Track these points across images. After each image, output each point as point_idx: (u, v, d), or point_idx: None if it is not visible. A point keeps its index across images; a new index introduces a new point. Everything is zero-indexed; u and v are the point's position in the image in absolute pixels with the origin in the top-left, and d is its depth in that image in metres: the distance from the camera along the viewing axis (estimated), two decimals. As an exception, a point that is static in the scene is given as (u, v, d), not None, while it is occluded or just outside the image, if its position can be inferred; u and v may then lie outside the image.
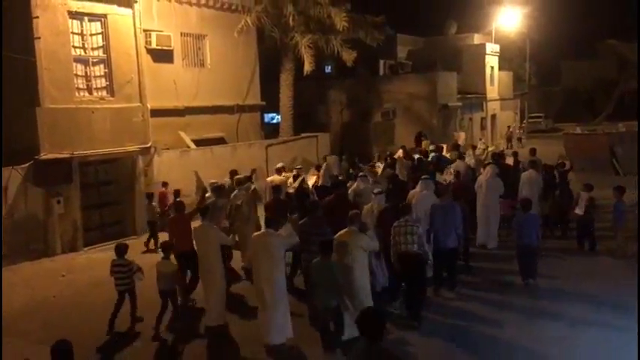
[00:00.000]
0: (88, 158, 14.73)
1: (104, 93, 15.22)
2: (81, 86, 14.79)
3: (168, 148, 17.36)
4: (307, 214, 9.57)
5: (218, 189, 11.94)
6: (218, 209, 10.79)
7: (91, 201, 15.19)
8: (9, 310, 9.83)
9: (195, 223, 9.76)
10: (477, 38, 39.13)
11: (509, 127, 36.04)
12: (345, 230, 8.33)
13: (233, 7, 20.71)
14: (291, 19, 21.27)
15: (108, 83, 15.25)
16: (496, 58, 37.70)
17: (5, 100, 13.74)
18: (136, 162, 15.85)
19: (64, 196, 14.12)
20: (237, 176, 12.97)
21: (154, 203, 14.55)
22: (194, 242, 9.45)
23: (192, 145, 18.33)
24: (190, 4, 19.15)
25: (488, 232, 12.88)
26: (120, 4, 15.29)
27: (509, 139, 35.88)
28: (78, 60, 14.71)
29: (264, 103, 22.53)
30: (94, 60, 15.04)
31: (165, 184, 15.12)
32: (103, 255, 14.04)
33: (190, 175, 17.10)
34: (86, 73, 14.88)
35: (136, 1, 15.70)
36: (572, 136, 25.70)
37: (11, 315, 9.73)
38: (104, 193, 15.62)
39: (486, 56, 35.93)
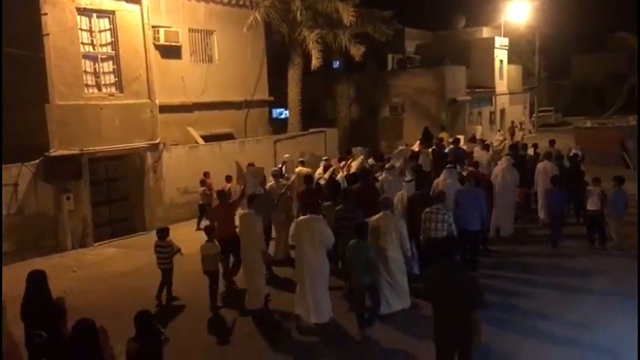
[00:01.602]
0: (97, 154, 14.79)
1: (113, 89, 15.26)
2: (90, 83, 14.83)
3: (176, 144, 17.37)
4: (339, 201, 10.07)
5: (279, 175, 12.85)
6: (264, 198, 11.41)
7: (101, 197, 15.27)
8: (19, 305, 9.88)
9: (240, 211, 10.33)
10: (485, 32, 38.93)
11: (512, 122, 35.64)
12: (379, 214, 8.79)
13: (241, 3, 20.68)
14: (298, 14, 21.24)
15: (116, 79, 15.29)
16: (505, 52, 37.48)
17: (15, 97, 13.81)
18: (145, 158, 15.89)
19: (74, 192, 14.17)
20: (273, 168, 13.75)
21: (203, 187, 15.32)
22: (238, 229, 9.96)
23: (201, 141, 18.35)
24: (198, -1, 19.17)
25: (502, 220, 13.25)
26: (128, 1, 15.30)
27: (512, 134, 35.54)
28: (86, 56, 14.75)
29: (272, 98, 22.52)
30: (103, 56, 15.08)
31: (206, 174, 15.53)
32: (113, 251, 14.16)
33: (198, 171, 17.16)
34: (95, 69, 14.92)
35: (144, -3, 15.73)
36: (582, 130, 25.56)
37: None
38: (113, 189, 15.69)
39: (495, 50, 35.73)
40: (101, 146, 14.73)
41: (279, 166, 15.23)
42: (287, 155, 16.50)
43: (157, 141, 16.17)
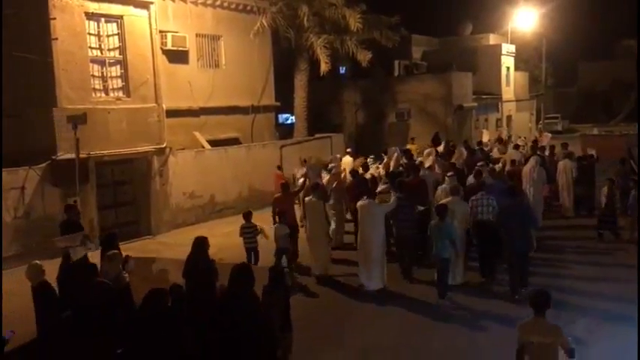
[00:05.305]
0: (104, 158, 14.85)
1: (120, 94, 15.33)
2: (97, 87, 14.91)
3: (183, 149, 17.41)
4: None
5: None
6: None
7: (107, 201, 15.31)
8: (25, 308, 9.88)
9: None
10: (492, 38, 38.89)
11: (501, 131, 35.06)
12: (450, 199, 10.73)
13: (248, 8, 20.72)
14: (305, 19, 21.25)
15: (124, 84, 15.36)
16: (512, 59, 37.42)
17: (23, 101, 13.88)
18: (151, 162, 15.94)
19: (80, 196, 14.20)
20: (329, 165, 15.91)
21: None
22: (306, 214, 11.94)
23: (207, 146, 18.38)
24: (206, 5, 19.19)
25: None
26: (136, 6, 15.40)
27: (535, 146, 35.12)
28: (94, 61, 14.84)
29: (278, 103, 22.53)
30: (111, 61, 15.15)
31: (280, 168, 17.19)
32: (118, 254, 14.14)
33: (204, 176, 17.23)
34: (102, 73, 14.99)
35: (152, 3, 15.79)
36: (589, 137, 25.56)
37: (28, 313, 9.78)
38: (120, 193, 15.74)
39: (502, 57, 35.65)
40: (108, 150, 14.79)
41: (334, 163, 16.59)
42: (349, 150, 20.30)
43: (164, 145, 16.21)
